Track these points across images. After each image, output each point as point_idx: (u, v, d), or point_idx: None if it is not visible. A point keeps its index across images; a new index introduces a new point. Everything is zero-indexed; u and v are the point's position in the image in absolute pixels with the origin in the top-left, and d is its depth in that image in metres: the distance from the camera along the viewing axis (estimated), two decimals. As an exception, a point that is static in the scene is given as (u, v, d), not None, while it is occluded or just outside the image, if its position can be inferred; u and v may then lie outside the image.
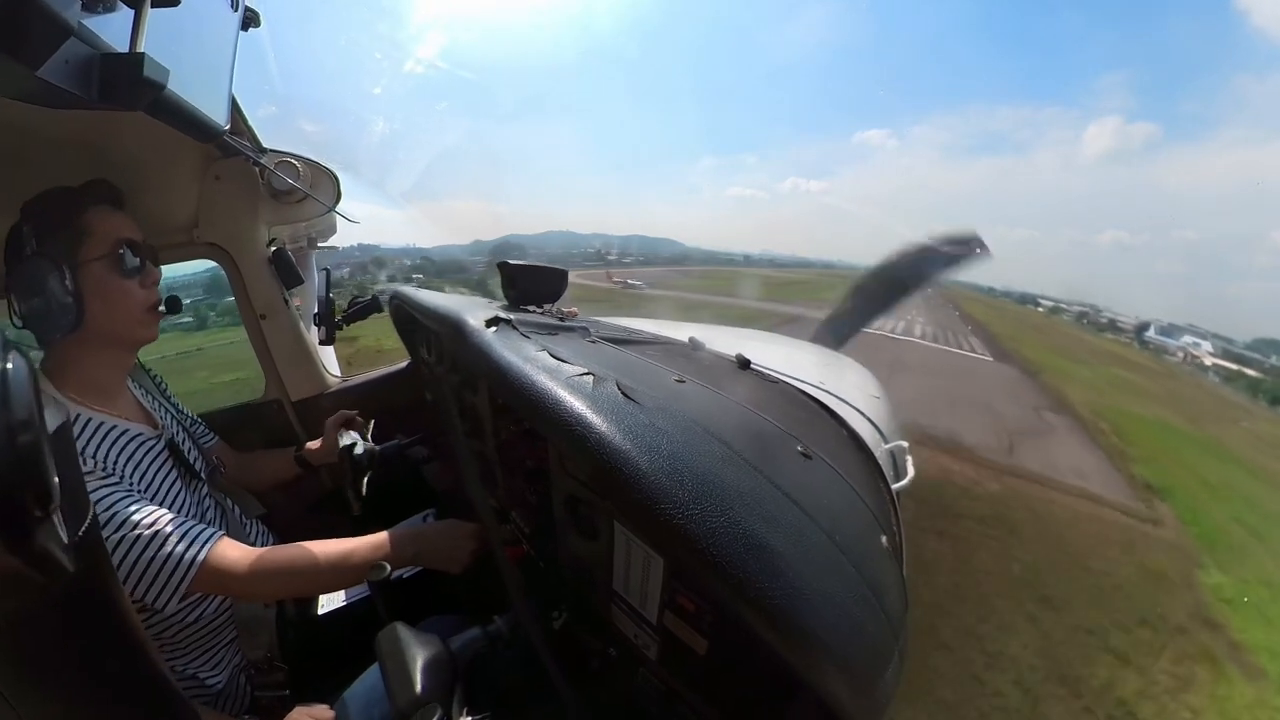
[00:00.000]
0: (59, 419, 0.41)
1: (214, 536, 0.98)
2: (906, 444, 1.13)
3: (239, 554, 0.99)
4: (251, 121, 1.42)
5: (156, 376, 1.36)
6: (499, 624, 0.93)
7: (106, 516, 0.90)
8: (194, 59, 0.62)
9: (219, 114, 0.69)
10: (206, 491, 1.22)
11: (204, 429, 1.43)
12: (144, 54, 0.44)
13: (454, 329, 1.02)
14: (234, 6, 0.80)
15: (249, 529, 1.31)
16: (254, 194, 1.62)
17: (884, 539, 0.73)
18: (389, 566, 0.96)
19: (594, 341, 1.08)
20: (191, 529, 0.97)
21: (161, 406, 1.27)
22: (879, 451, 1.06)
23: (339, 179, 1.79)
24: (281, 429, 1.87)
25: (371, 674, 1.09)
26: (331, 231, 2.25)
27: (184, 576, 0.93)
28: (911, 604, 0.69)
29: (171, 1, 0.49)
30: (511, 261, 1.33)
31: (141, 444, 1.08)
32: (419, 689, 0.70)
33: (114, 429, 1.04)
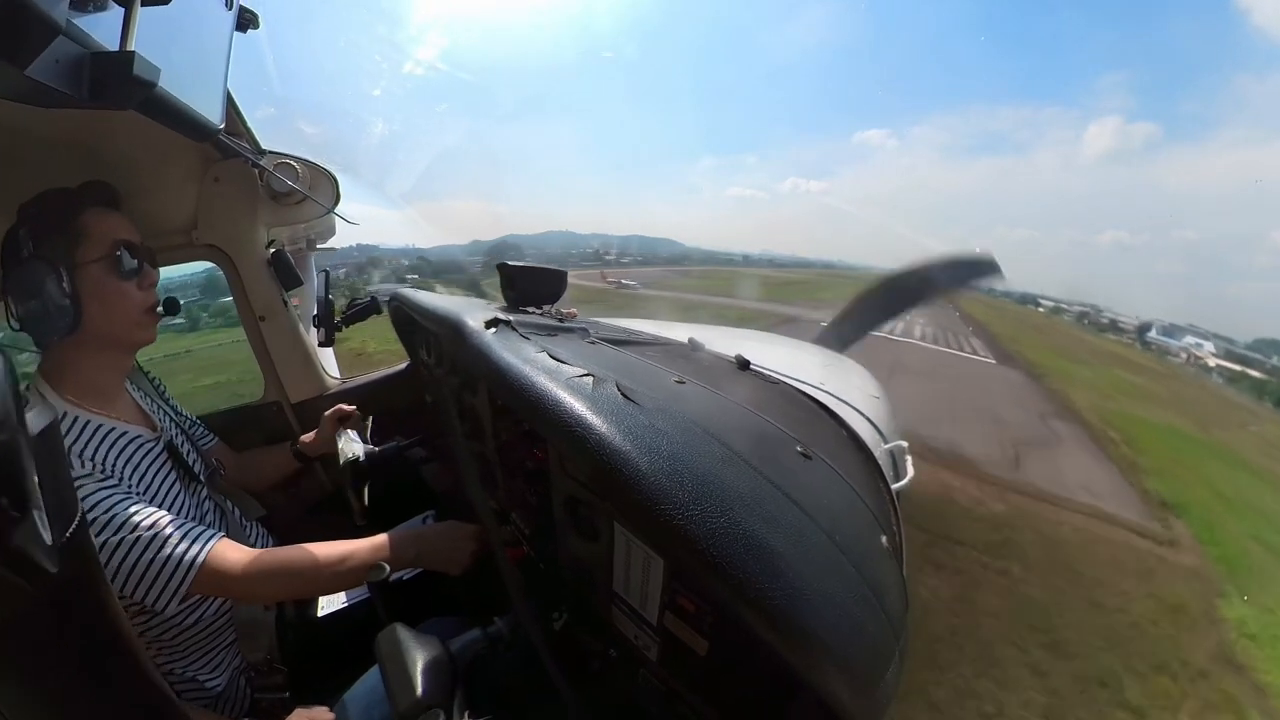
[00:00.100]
0: (45, 419, 0.40)
1: (214, 538, 0.98)
2: (906, 444, 1.13)
3: (239, 555, 0.99)
4: (250, 123, 1.43)
5: (155, 378, 1.35)
6: (499, 625, 0.93)
7: (106, 518, 0.89)
8: (186, 58, 0.61)
9: (213, 113, 0.69)
10: (206, 494, 1.22)
11: (203, 431, 1.43)
12: (134, 52, 0.44)
13: (453, 330, 1.02)
14: (228, 5, 0.79)
15: (249, 531, 1.31)
16: (253, 196, 1.62)
17: (884, 539, 0.73)
18: (388, 568, 0.96)
19: (593, 343, 1.08)
20: (191, 530, 0.97)
21: (160, 408, 1.27)
22: (879, 451, 1.06)
23: (338, 180, 1.79)
24: (281, 430, 1.87)
25: (372, 676, 1.09)
26: (331, 233, 2.25)
27: (184, 578, 0.93)
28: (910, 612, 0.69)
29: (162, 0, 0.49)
30: (511, 263, 1.33)
31: (140, 446, 1.08)
32: (419, 691, 0.70)
33: (112, 431, 1.04)
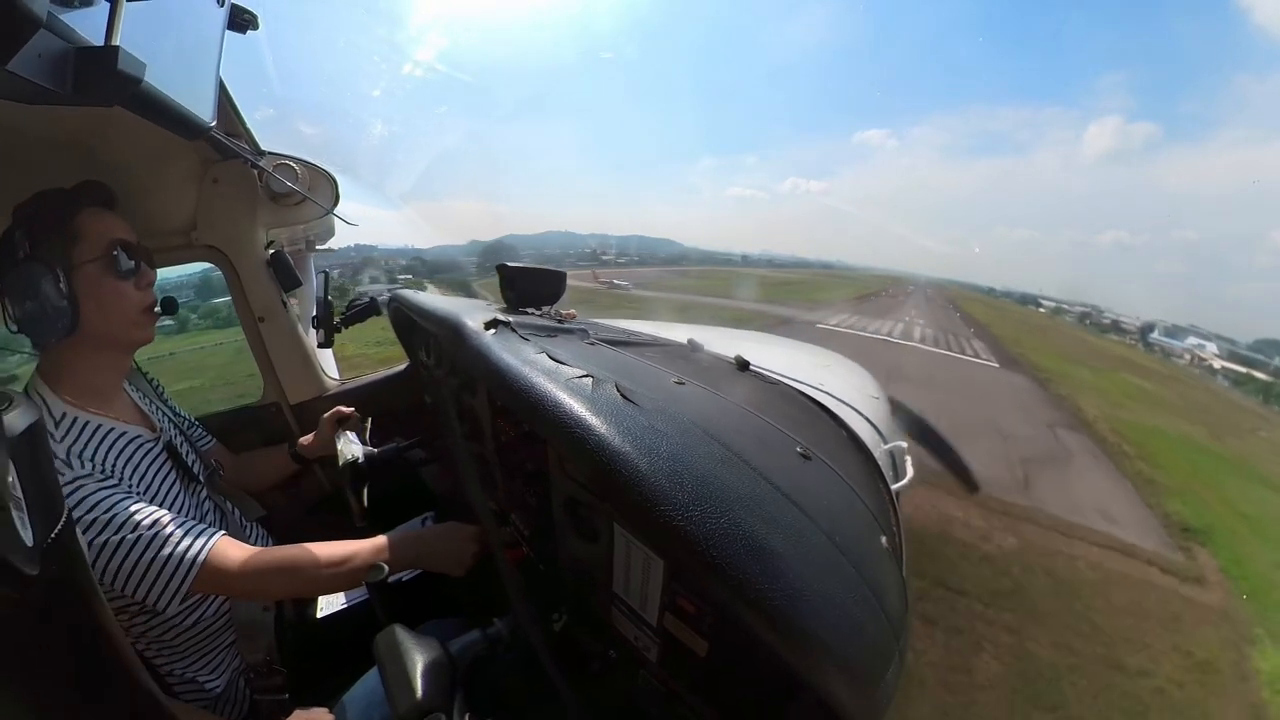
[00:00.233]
0: (27, 419, 0.40)
1: (215, 536, 0.98)
2: (905, 444, 1.13)
3: (240, 553, 0.98)
4: (250, 124, 1.42)
5: (153, 379, 1.35)
6: (499, 627, 0.93)
7: (106, 518, 0.89)
8: (175, 53, 0.60)
9: (204, 110, 0.68)
10: (205, 494, 1.22)
11: (201, 432, 1.43)
12: (119, 47, 0.44)
13: (453, 331, 1.02)
14: (219, 2, 0.78)
15: (248, 531, 1.30)
16: (252, 197, 1.62)
17: (884, 539, 0.73)
18: (387, 568, 0.96)
19: (593, 344, 1.08)
20: (192, 529, 0.97)
21: (159, 409, 1.26)
22: (878, 452, 1.06)
23: (337, 181, 1.79)
24: (280, 432, 1.87)
25: (371, 677, 1.09)
26: (330, 234, 2.25)
27: (185, 576, 0.92)
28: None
29: None
30: (510, 264, 1.33)
31: (140, 446, 1.08)
32: (419, 693, 0.70)
33: (111, 431, 1.04)
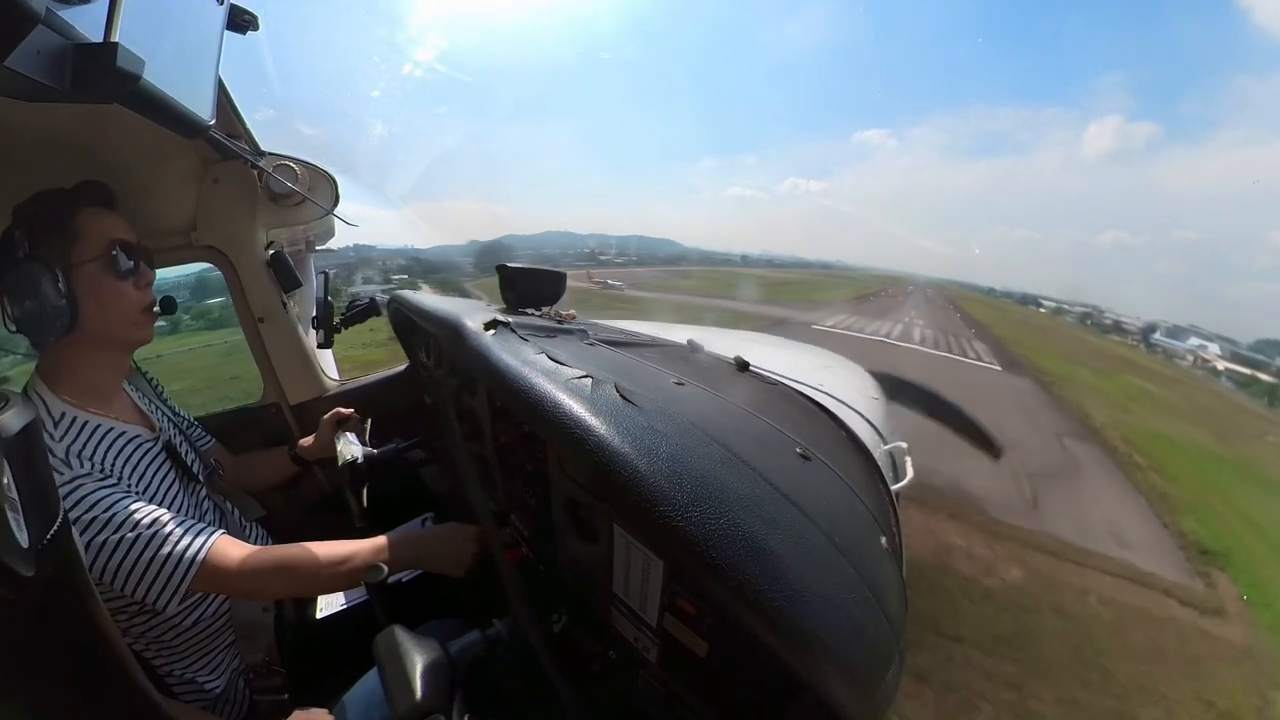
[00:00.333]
0: (23, 420, 0.39)
1: (214, 534, 0.98)
2: (905, 445, 1.13)
3: (240, 552, 0.98)
4: (250, 124, 1.42)
5: (153, 379, 1.35)
6: (498, 627, 0.93)
7: (105, 517, 0.89)
8: (174, 51, 0.60)
9: (203, 109, 0.67)
10: (205, 494, 1.22)
11: (201, 432, 1.42)
12: (118, 43, 0.43)
13: (453, 332, 1.02)
14: (219, 0, 0.78)
15: (248, 531, 1.30)
16: (252, 197, 1.61)
17: (883, 540, 0.73)
18: (386, 569, 0.96)
19: (592, 344, 1.08)
20: (191, 527, 0.97)
21: (158, 409, 1.26)
22: (878, 452, 1.06)
23: (337, 182, 1.79)
24: (280, 432, 1.87)
25: (371, 678, 1.09)
26: (330, 235, 2.25)
27: (185, 575, 0.92)
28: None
29: None
30: (510, 265, 1.33)
31: (139, 446, 1.08)
32: (418, 694, 0.70)
33: (110, 431, 1.04)
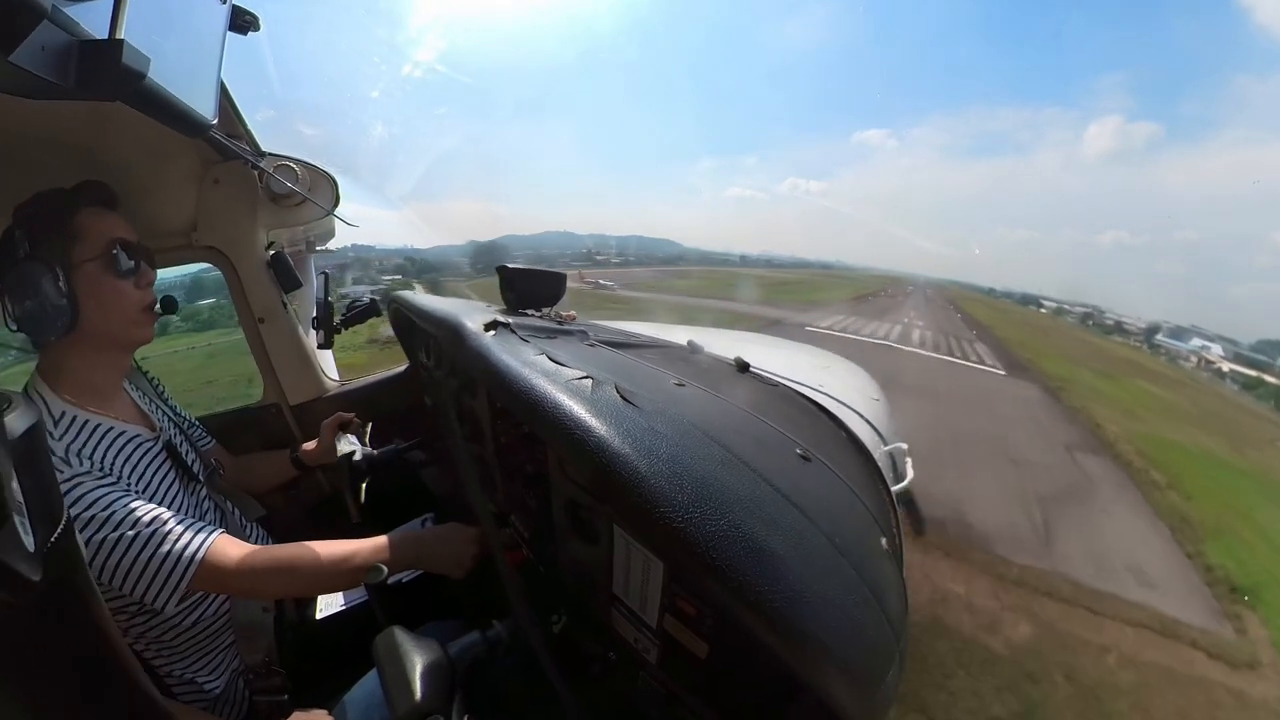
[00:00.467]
0: (27, 421, 0.39)
1: (214, 533, 0.98)
2: (905, 445, 1.13)
3: (239, 551, 0.98)
4: (250, 125, 1.43)
5: (153, 379, 1.35)
6: (498, 629, 0.93)
7: (104, 516, 0.89)
8: (178, 49, 0.60)
9: (206, 108, 0.68)
10: (205, 494, 1.22)
11: (201, 432, 1.42)
12: (123, 40, 0.43)
13: (453, 333, 1.03)
14: None
15: (248, 531, 1.30)
16: (253, 197, 1.62)
17: (884, 540, 0.73)
18: (385, 569, 0.96)
19: (592, 345, 1.08)
20: (191, 526, 0.96)
21: (158, 408, 1.26)
22: (878, 453, 1.06)
23: (337, 183, 1.79)
24: (280, 433, 1.87)
25: (371, 679, 1.09)
26: (330, 235, 2.25)
27: (184, 574, 0.92)
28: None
29: None
30: (510, 266, 1.33)
31: (139, 446, 1.08)
32: (418, 695, 0.70)
33: (110, 431, 1.04)
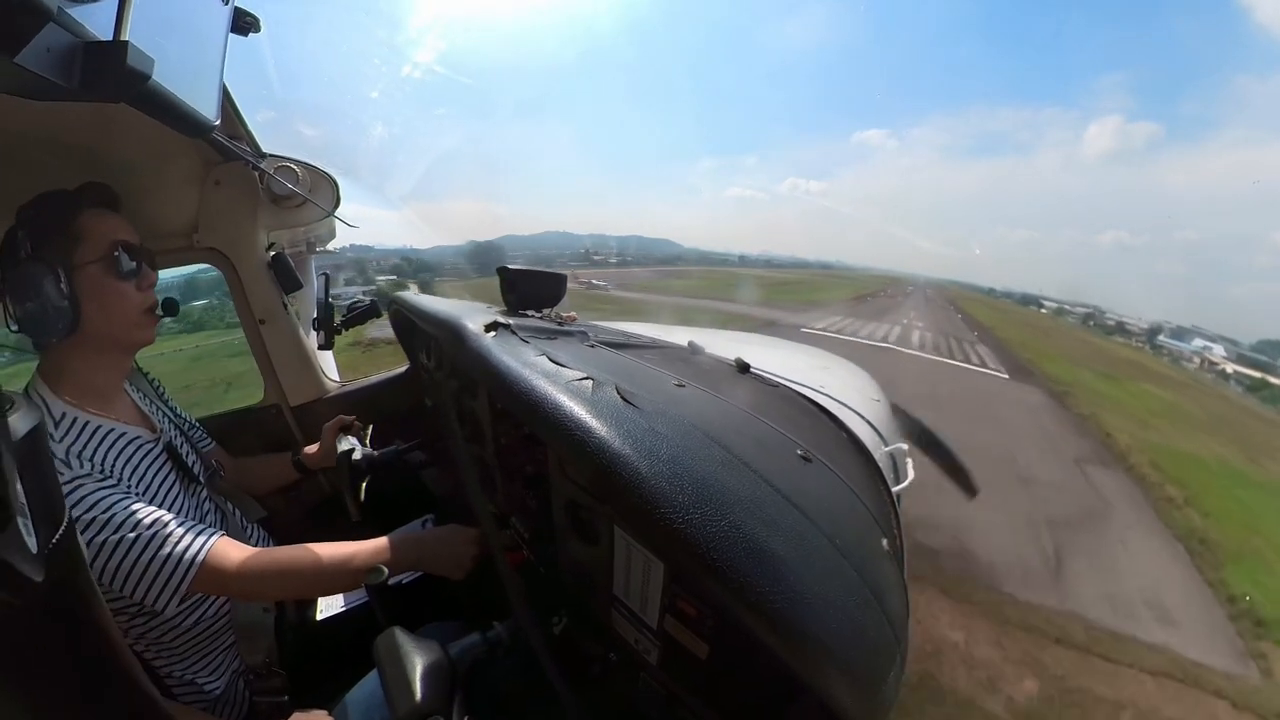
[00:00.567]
0: (30, 422, 0.39)
1: (214, 535, 0.98)
2: (906, 446, 1.13)
3: (239, 553, 0.98)
4: (251, 126, 1.43)
5: (154, 380, 1.35)
6: (499, 630, 0.93)
7: (105, 518, 0.89)
8: (181, 51, 0.60)
9: (209, 109, 0.68)
10: (206, 495, 1.22)
11: (201, 433, 1.42)
12: (128, 42, 0.43)
13: (453, 334, 1.03)
14: (223, 0, 0.79)
15: (249, 532, 1.30)
16: (253, 199, 1.62)
17: (884, 541, 0.73)
18: (386, 570, 0.96)
19: (593, 346, 1.08)
20: (191, 528, 0.97)
21: (159, 410, 1.26)
22: (878, 454, 1.06)
23: (338, 183, 1.79)
24: (280, 434, 1.87)
25: (371, 680, 1.09)
26: (331, 236, 2.25)
27: (184, 576, 0.92)
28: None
29: None
30: (511, 267, 1.33)
31: (139, 447, 1.08)
32: (418, 696, 0.70)
33: (111, 432, 1.04)
